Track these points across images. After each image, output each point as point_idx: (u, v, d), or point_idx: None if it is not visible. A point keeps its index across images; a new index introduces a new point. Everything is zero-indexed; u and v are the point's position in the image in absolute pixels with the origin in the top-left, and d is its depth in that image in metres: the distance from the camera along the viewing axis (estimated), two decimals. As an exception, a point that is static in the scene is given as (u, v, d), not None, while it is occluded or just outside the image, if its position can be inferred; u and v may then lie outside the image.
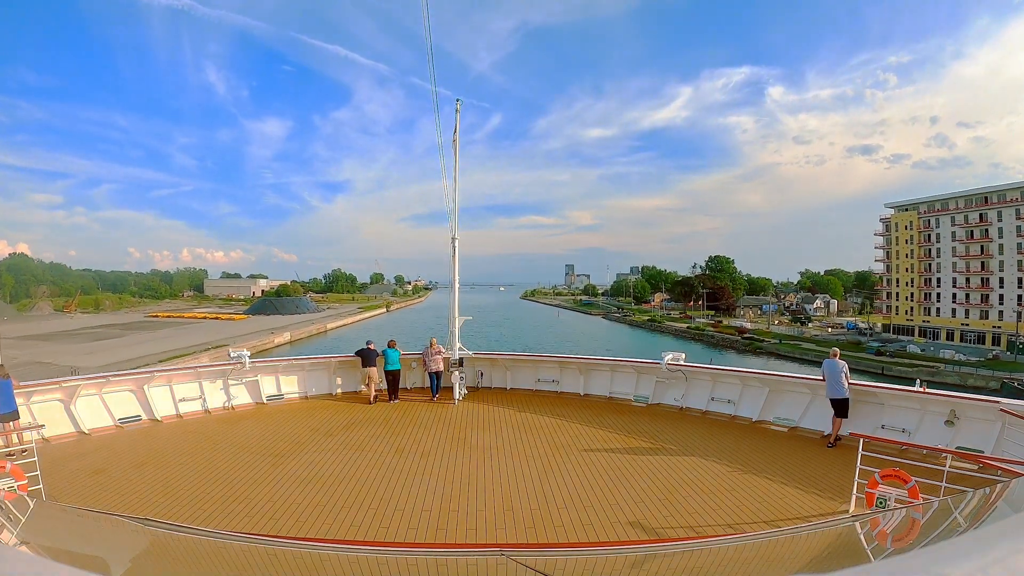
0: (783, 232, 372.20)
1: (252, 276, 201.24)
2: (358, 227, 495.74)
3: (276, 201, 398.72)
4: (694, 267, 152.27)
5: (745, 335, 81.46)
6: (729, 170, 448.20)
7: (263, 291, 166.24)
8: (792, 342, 75.36)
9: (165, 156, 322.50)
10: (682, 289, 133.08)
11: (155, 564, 2.27)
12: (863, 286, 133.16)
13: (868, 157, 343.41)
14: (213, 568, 2.28)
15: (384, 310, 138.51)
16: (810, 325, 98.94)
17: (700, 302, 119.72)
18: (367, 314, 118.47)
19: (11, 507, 2.50)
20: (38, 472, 6.52)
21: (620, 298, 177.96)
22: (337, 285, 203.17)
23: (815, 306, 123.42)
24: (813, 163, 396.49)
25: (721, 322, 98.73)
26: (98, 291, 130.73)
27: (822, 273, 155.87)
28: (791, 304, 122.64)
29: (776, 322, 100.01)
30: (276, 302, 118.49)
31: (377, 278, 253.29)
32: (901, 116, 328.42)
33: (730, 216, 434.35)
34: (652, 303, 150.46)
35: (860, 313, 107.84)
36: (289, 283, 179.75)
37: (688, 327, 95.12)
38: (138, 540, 2.61)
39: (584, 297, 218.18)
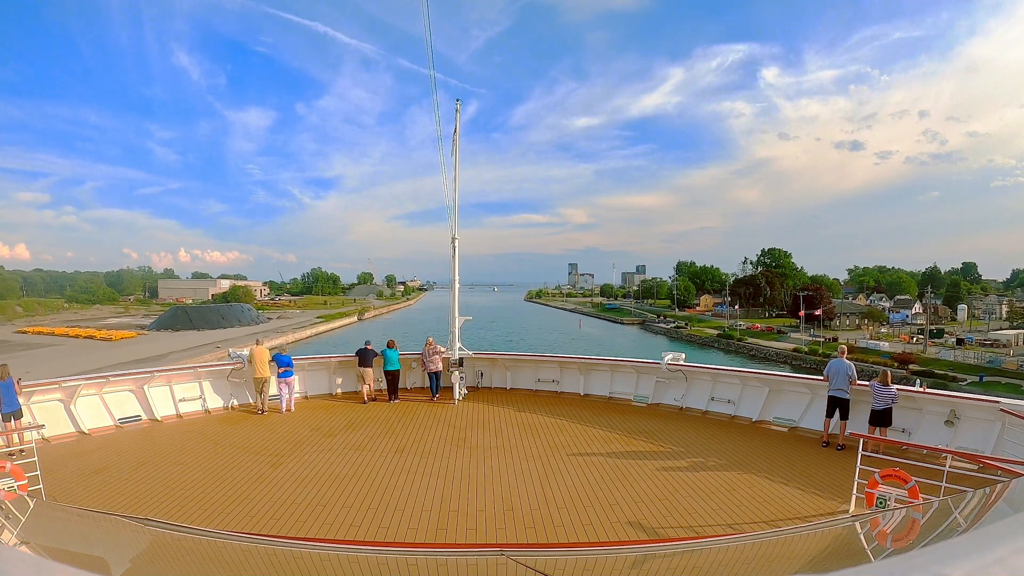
0: (783, 231, 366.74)
1: (224, 276, 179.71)
2: (352, 226, 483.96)
3: (266, 199, 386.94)
4: (744, 262, 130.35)
5: (908, 365, 52.08)
6: (725, 164, 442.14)
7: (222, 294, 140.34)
8: (1008, 383, 45.30)
9: (145, 152, 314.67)
10: (746, 291, 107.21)
11: (155, 564, 2.27)
12: (935, 285, 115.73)
13: (858, 152, 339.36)
14: (213, 568, 2.28)
15: (355, 319, 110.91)
16: (967, 344, 66.81)
17: (768, 306, 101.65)
18: (326, 326, 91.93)
19: (11, 507, 2.50)
20: (38, 472, 6.52)
21: (650, 300, 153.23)
22: (316, 286, 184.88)
23: (912, 311, 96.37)
24: (803, 161, 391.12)
25: (836, 339, 67.59)
26: (20, 295, 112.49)
27: (856, 270, 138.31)
28: (865, 309, 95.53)
29: (915, 340, 69.40)
30: (193, 312, 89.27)
31: (365, 278, 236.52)
32: (890, 110, 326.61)
33: (728, 215, 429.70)
34: (698, 307, 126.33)
35: (953, 320, 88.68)
36: (245, 283, 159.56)
37: (795, 349, 65.74)
38: (138, 540, 2.61)
39: (603, 299, 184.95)
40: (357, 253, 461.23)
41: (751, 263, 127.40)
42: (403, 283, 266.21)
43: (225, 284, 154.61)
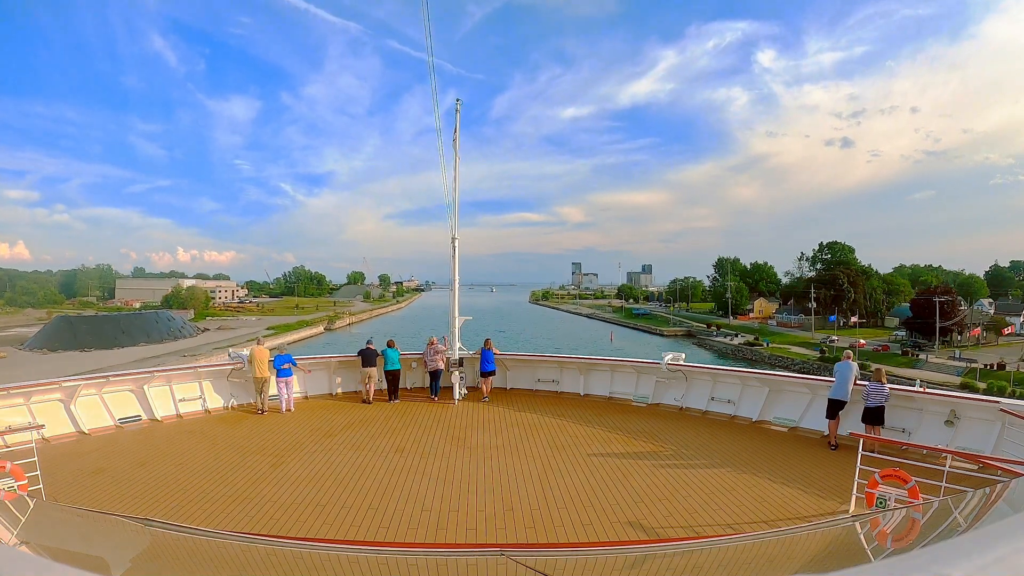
0: (783, 230, 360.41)
1: (200, 275, 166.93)
2: (350, 224, 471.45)
3: (258, 196, 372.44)
4: (801, 258, 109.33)
5: None
6: (721, 159, 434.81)
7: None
8: None
9: (128, 147, 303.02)
10: (826, 293, 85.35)
11: (155, 564, 2.28)
12: (1002, 285, 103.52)
13: (853, 149, 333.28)
14: (213, 568, 2.28)
15: (320, 330, 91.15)
16: None
17: (845, 313, 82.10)
18: (275, 341, 61.03)
19: (11, 507, 2.51)
20: (38, 472, 6.50)
21: (683, 304, 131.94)
22: (299, 286, 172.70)
23: (1022, 319, 76.84)
24: (800, 156, 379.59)
25: (1002, 366, 50.33)
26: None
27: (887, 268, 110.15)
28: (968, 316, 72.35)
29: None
30: (82, 325, 66.84)
31: (356, 278, 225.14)
32: (890, 103, 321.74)
33: (725, 213, 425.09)
34: (751, 313, 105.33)
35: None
36: (217, 284, 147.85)
37: (964, 384, 44.16)
38: (138, 540, 2.62)
39: (623, 302, 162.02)
40: (357, 252, 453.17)
41: (807, 259, 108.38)
42: (399, 283, 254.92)
43: (191, 283, 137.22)
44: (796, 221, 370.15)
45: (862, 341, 70.51)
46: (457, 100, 13.38)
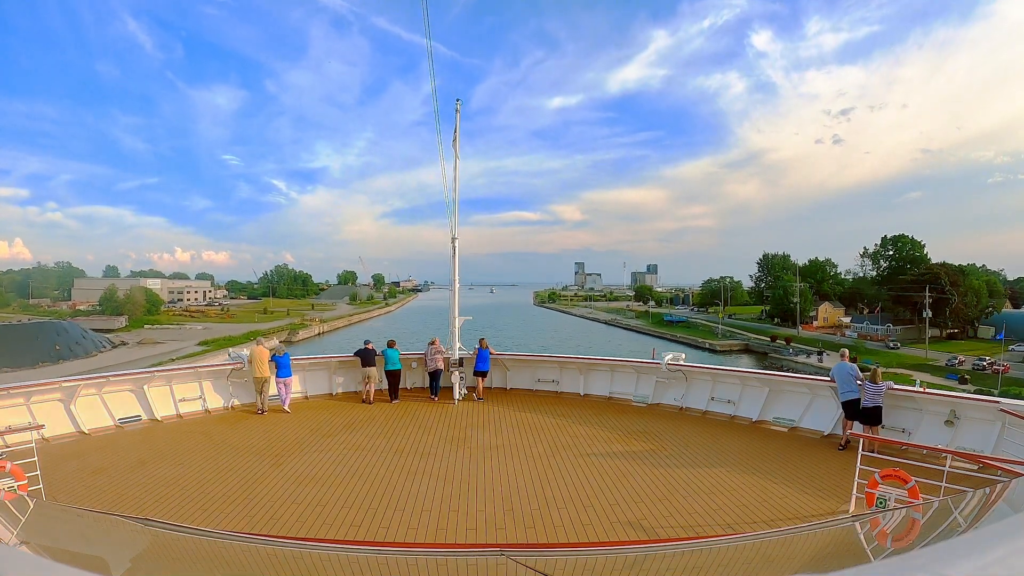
0: (784, 230, 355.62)
1: (179, 275, 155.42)
2: (347, 223, 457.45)
3: (250, 194, 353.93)
4: (864, 253, 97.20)
5: None
6: (718, 155, 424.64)
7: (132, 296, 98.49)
8: None
9: (113, 142, 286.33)
10: (932, 296, 70.02)
11: (155, 564, 2.28)
12: None
13: (851, 147, 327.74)
14: (213, 568, 2.28)
15: (275, 344, 48.06)
16: None
17: (943, 323, 70.60)
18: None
19: (11, 507, 2.51)
20: (38, 472, 6.50)
21: (715, 309, 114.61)
22: (282, 286, 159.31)
23: None
24: (799, 151, 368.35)
25: None
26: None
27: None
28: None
29: None
30: None
31: (347, 278, 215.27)
32: (890, 97, 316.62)
33: (723, 212, 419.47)
34: (814, 322, 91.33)
35: None
36: (186, 283, 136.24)
37: None
38: (138, 540, 2.62)
39: (641, 305, 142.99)
40: (355, 252, 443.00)
41: (869, 256, 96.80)
42: (394, 283, 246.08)
43: (156, 283, 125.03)
44: (795, 221, 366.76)
45: (1006, 364, 55.04)
46: (457, 100, 13.41)
